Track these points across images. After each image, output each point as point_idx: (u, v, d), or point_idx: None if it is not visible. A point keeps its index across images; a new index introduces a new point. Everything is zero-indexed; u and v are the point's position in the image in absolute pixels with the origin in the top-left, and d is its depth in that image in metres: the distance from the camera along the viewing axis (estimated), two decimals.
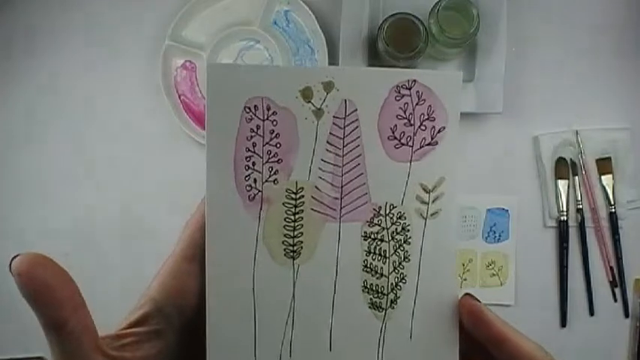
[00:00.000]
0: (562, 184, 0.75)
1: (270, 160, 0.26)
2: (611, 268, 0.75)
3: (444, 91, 0.27)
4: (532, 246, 0.75)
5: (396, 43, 0.68)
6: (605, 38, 0.76)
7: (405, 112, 0.26)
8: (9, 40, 0.78)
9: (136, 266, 0.74)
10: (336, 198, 0.26)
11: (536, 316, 0.75)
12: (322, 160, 0.26)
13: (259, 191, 0.26)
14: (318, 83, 0.26)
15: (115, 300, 0.61)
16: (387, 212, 0.27)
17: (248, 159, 0.26)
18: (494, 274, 0.75)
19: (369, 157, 0.26)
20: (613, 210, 0.74)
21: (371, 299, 0.26)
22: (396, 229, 0.27)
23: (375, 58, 0.74)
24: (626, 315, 0.75)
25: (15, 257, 0.24)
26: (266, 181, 0.26)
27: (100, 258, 0.75)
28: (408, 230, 0.27)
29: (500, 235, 0.76)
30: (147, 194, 0.76)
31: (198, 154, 0.76)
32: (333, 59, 0.74)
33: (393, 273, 0.27)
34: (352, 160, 0.26)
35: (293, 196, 0.26)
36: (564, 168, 0.75)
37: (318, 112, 0.26)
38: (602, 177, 0.75)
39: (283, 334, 0.26)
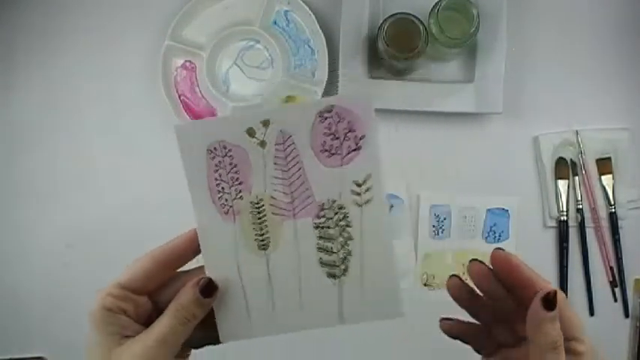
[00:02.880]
0: (562, 184, 0.75)
1: (234, 184, 0.35)
2: (611, 268, 0.75)
3: (359, 107, 0.34)
4: (532, 246, 0.75)
5: (396, 43, 0.68)
6: (605, 38, 0.76)
7: (330, 130, 0.34)
8: (9, 41, 0.78)
9: None
10: (289, 202, 0.35)
11: None
12: (273, 176, 0.34)
13: (231, 206, 0.35)
14: (258, 122, 0.34)
15: None
16: (330, 206, 0.35)
17: (218, 185, 0.34)
18: None
19: (308, 169, 0.34)
20: (613, 210, 0.74)
21: (327, 271, 0.35)
22: (339, 217, 0.35)
23: (375, 58, 0.74)
24: (626, 315, 0.75)
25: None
26: (234, 198, 0.35)
27: (100, 258, 0.75)
28: (348, 217, 0.35)
29: (500, 235, 0.76)
30: (147, 194, 0.76)
31: None
32: (333, 59, 0.74)
33: (342, 250, 0.35)
34: (295, 172, 0.34)
35: (256, 206, 0.35)
36: (564, 168, 0.75)
37: (262, 143, 0.34)
38: (602, 177, 0.75)
39: (267, 302, 0.36)
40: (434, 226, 0.76)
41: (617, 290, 0.75)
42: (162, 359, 0.33)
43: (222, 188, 0.34)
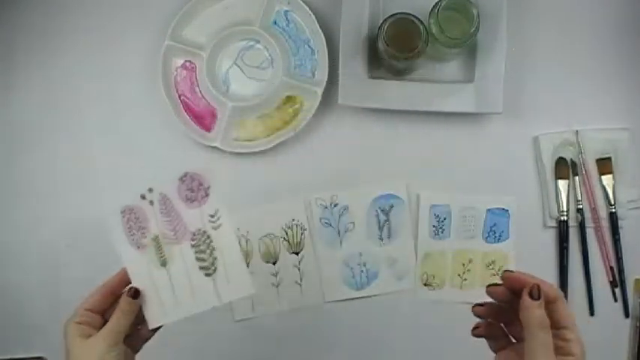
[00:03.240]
0: (562, 184, 0.75)
1: (140, 229, 0.54)
2: (611, 268, 0.75)
3: (203, 172, 0.54)
4: (532, 246, 0.75)
5: (396, 43, 0.68)
6: (605, 38, 0.76)
7: (188, 187, 0.54)
8: (9, 41, 0.78)
9: None
10: (174, 234, 0.55)
11: None
12: (161, 221, 0.54)
13: (140, 243, 0.54)
14: (146, 190, 0.54)
15: None
16: (198, 232, 0.55)
17: (130, 231, 0.54)
18: (494, 274, 0.75)
19: (181, 212, 0.54)
20: (613, 210, 0.74)
21: (204, 272, 0.55)
22: (205, 238, 0.55)
23: (375, 58, 0.74)
24: (626, 315, 0.75)
25: None
26: (141, 238, 0.54)
27: (100, 258, 0.75)
28: (210, 237, 0.55)
29: (500, 235, 0.76)
30: None
31: (198, 153, 0.76)
32: (333, 59, 0.74)
33: (210, 258, 0.55)
34: (174, 216, 0.54)
35: (155, 240, 0.54)
36: (564, 168, 0.75)
37: (151, 203, 0.54)
38: (602, 177, 0.75)
39: (172, 297, 0.54)
40: (434, 226, 0.76)
41: (617, 290, 0.75)
42: (112, 343, 0.50)
43: (133, 233, 0.54)
